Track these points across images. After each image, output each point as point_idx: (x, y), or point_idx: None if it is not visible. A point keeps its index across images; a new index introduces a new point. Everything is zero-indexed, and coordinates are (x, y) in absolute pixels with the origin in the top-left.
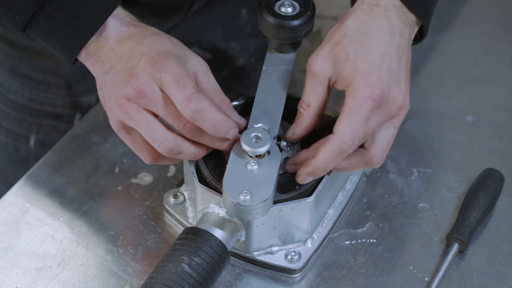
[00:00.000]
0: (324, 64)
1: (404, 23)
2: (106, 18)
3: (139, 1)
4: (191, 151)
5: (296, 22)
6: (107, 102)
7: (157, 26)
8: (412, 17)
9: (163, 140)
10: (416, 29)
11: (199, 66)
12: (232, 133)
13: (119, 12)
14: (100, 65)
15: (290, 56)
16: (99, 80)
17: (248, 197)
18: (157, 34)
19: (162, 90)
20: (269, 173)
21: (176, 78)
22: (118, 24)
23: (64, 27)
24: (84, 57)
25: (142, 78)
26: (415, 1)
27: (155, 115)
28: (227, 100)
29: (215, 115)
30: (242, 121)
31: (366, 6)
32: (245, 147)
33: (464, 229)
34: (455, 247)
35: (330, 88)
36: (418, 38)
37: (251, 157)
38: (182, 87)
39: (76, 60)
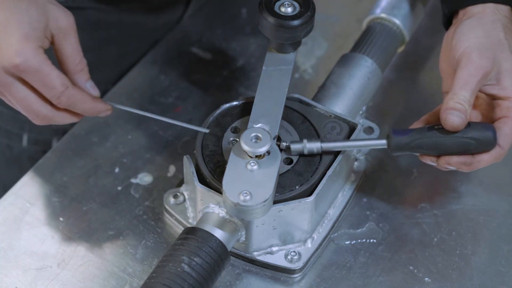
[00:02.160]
0: None
1: None
2: None
3: None
4: (64, 120)
5: (296, 22)
6: None
7: (150, 22)
8: None
9: (33, 117)
10: None
11: (58, 28)
12: (104, 114)
13: None
14: None
15: (290, 56)
16: None
17: (248, 197)
18: None
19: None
20: (269, 173)
21: (40, 78)
22: None
23: None
24: None
25: None
26: None
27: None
28: (82, 64)
29: (84, 105)
30: (94, 90)
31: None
32: (245, 147)
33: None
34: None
35: None
36: None
37: (251, 157)
38: (50, 87)
39: None
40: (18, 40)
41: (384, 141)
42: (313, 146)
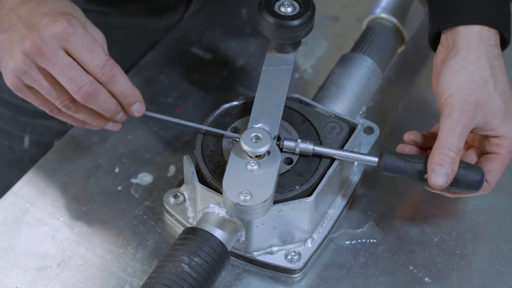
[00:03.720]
0: None
1: None
2: None
3: None
4: (105, 100)
5: (295, 22)
6: (3, 61)
7: (152, 24)
8: None
9: (76, 90)
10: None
11: (99, 37)
12: (137, 112)
13: None
14: None
15: (290, 56)
16: None
17: (248, 197)
18: None
19: (66, 51)
20: (269, 173)
21: (86, 43)
22: None
23: None
24: None
25: (43, 35)
26: None
27: (50, 74)
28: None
29: (126, 82)
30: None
31: None
32: (245, 147)
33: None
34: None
35: None
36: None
37: (251, 157)
38: (96, 53)
39: None
40: (65, 12)
41: (375, 159)
42: (305, 147)
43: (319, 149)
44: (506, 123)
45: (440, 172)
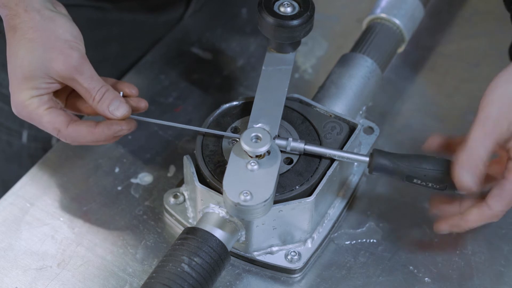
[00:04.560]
0: None
1: None
2: None
3: None
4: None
5: (295, 22)
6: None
7: (150, 21)
8: None
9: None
10: None
11: (59, 76)
12: (123, 132)
13: None
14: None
15: (290, 56)
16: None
17: (248, 197)
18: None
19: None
20: (269, 173)
21: (36, 124)
22: None
23: None
24: None
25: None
26: None
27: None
28: (99, 94)
29: (86, 138)
30: (119, 110)
31: None
32: (245, 147)
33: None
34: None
35: None
36: None
37: (251, 157)
38: (47, 131)
39: None
40: (12, 93)
41: (366, 159)
42: (296, 145)
43: (310, 148)
44: None
45: (467, 175)
